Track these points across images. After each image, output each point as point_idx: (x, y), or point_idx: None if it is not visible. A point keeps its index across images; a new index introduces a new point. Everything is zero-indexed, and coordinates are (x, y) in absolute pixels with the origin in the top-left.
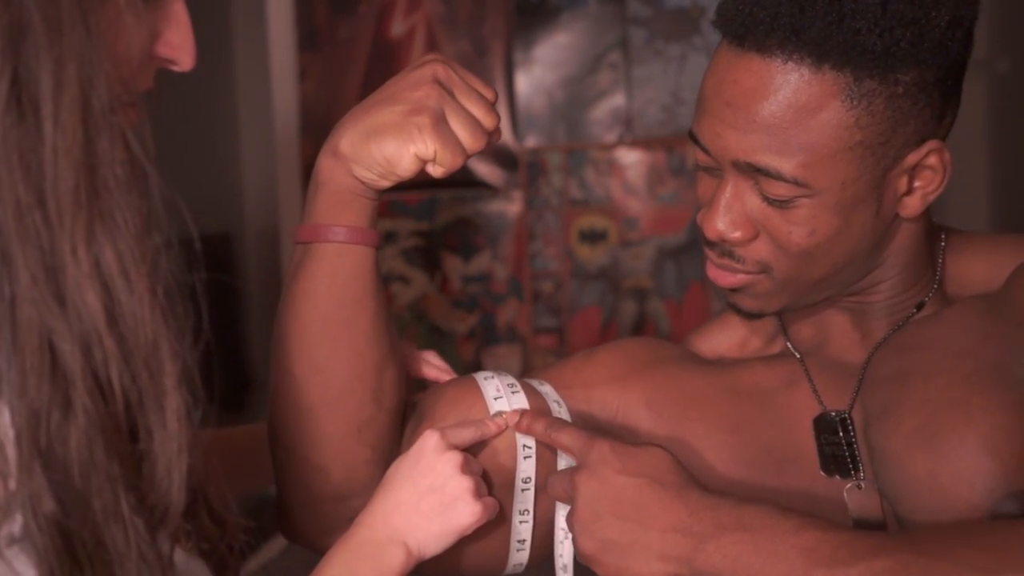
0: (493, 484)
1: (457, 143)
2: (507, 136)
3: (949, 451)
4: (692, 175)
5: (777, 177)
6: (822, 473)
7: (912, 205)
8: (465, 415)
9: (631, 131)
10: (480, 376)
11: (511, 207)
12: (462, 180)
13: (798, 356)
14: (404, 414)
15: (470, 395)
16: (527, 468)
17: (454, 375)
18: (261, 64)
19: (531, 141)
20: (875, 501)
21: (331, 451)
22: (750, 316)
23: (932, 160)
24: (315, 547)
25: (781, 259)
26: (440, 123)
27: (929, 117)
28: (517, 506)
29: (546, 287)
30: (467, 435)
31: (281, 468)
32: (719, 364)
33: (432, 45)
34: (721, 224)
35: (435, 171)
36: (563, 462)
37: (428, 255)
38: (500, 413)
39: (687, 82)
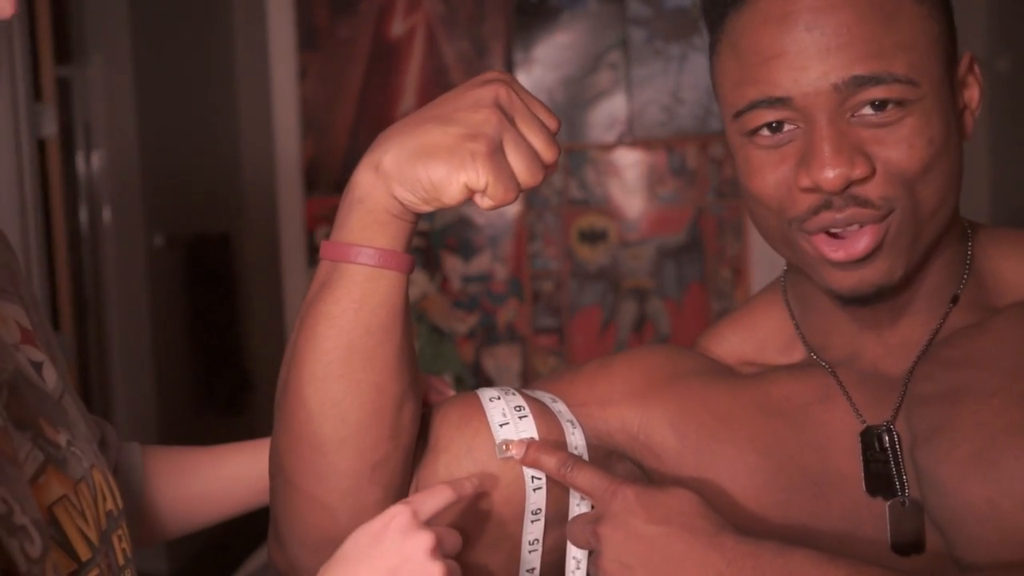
0: (495, 522)
1: (512, 176)
2: None
3: (1010, 479)
4: (693, 175)
5: (890, 80)
6: (865, 492)
7: (967, 124)
8: (470, 442)
9: (631, 131)
10: (485, 396)
11: (511, 207)
12: None
13: (827, 365)
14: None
15: (475, 420)
16: (537, 500)
17: None
18: (261, 64)
19: None
20: (919, 521)
21: (341, 490)
22: (875, 295)
23: (972, 73)
24: None
25: (903, 188)
26: (496, 153)
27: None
28: (526, 537)
29: (546, 287)
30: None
31: (281, 502)
32: (744, 376)
33: (432, 45)
34: (840, 166)
35: (483, 203)
36: (575, 494)
37: (428, 255)
38: (506, 443)
39: (687, 82)
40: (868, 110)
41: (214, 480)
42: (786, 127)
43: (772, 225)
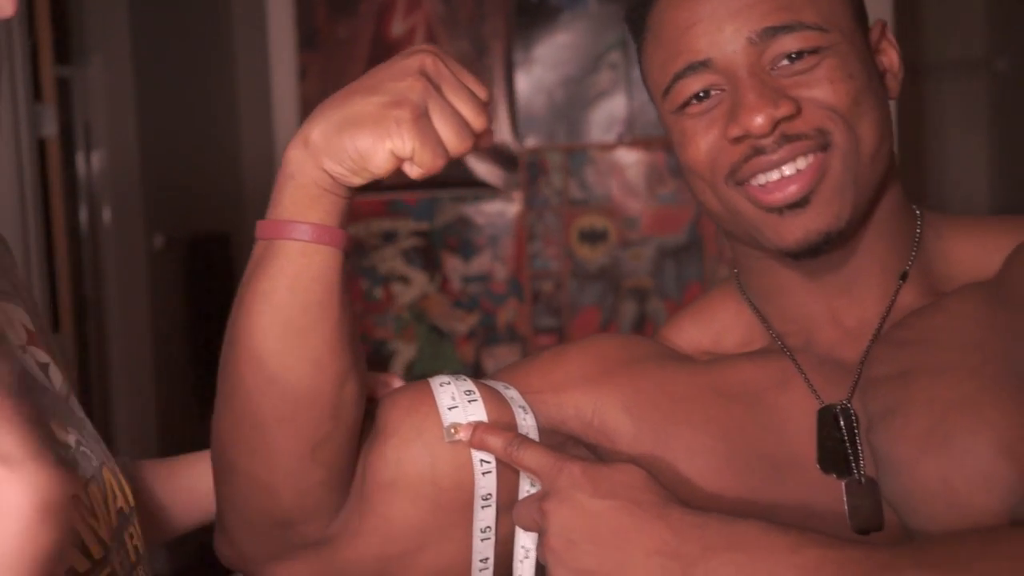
0: (445, 509)
1: (439, 143)
2: (507, 136)
3: (963, 454)
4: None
5: (800, 28)
6: (818, 467)
7: (891, 85)
8: (420, 425)
9: (631, 131)
10: (435, 382)
11: (511, 207)
12: (462, 180)
13: (786, 350)
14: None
15: (424, 404)
16: (487, 484)
17: None
18: (261, 64)
19: (531, 141)
20: (876, 499)
21: (282, 470)
22: (821, 244)
23: (886, 39)
24: (257, 575)
25: (836, 120)
26: (422, 119)
27: None
28: (477, 524)
29: (546, 287)
30: None
31: (224, 487)
32: (701, 362)
33: (432, 45)
34: (764, 108)
35: (412, 171)
36: (525, 478)
37: (428, 255)
38: (454, 426)
39: None
40: (786, 62)
41: (200, 479)
42: (712, 93)
43: (710, 196)
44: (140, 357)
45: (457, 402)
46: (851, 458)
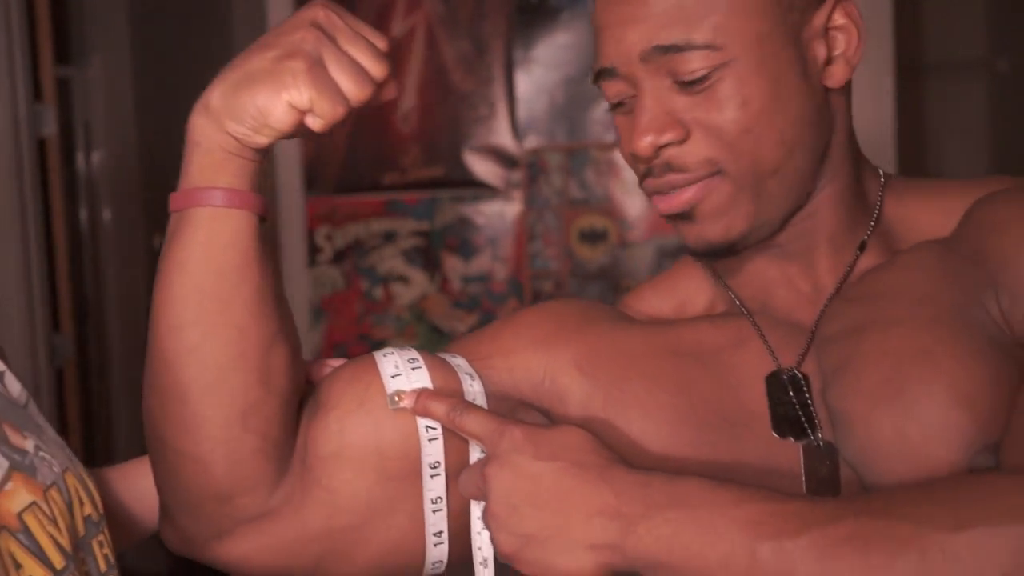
0: (392, 478)
1: (337, 91)
2: (507, 136)
3: (917, 406)
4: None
5: (688, 48)
6: (775, 435)
7: (837, 73)
8: (362, 395)
9: None
10: (379, 353)
11: (511, 207)
12: (462, 180)
13: (746, 312)
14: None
15: (367, 374)
16: (433, 451)
17: None
18: None
19: (531, 141)
20: (833, 461)
21: (212, 441)
22: (719, 249)
23: (840, 18)
24: (202, 557)
25: (725, 150)
26: (317, 69)
27: None
28: (428, 495)
29: (546, 287)
30: None
31: (158, 465)
32: (658, 324)
33: (432, 45)
34: (649, 134)
35: (314, 123)
36: (475, 446)
37: (428, 255)
38: (398, 393)
39: None
40: (679, 82)
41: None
42: (625, 101)
43: None
44: (140, 357)
45: (400, 370)
46: (804, 422)
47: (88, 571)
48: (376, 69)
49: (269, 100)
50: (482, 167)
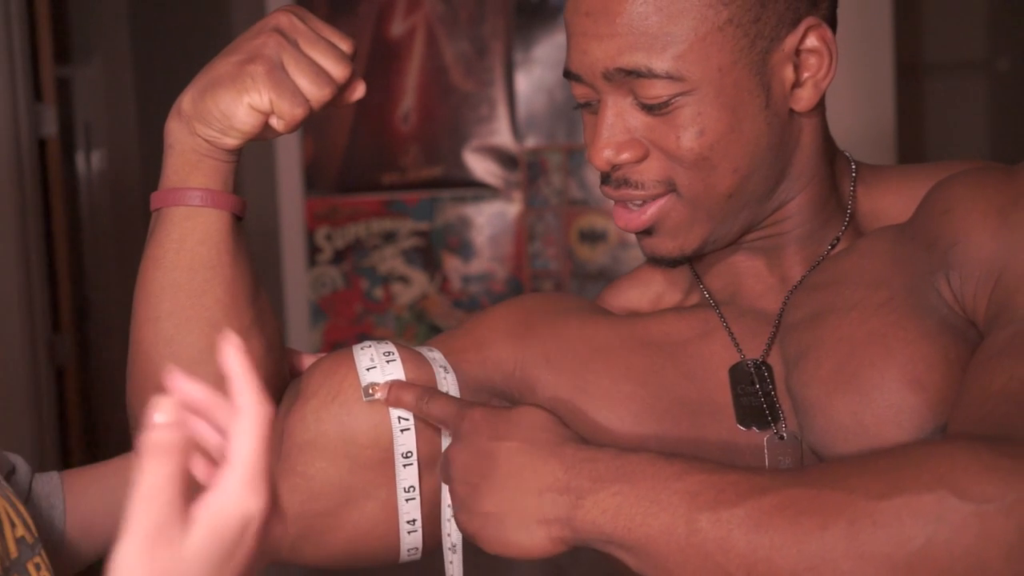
0: (365, 467)
1: (296, 92)
2: (507, 136)
3: (871, 389)
4: None
5: (649, 75)
6: (739, 426)
7: (805, 97)
8: (337, 388)
9: None
10: (357, 347)
11: (511, 207)
12: (462, 180)
13: (713, 303)
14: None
15: (344, 367)
16: (406, 441)
17: None
18: None
19: (531, 141)
20: (795, 452)
21: None
22: (674, 262)
23: (813, 42)
24: None
25: (681, 172)
26: (276, 72)
27: None
28: (401, 483)
29: (546, 287)
30: None
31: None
32: (628, 317)
33: (432, 45)
34: (607, 149)
35: (277, 124)
36: (447, 435)
37: (428, 255)
38: (372, 385)
39: None
40: (640, 103)
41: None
42: (592, 103)
43: None
44: None
45: (375, 363)
46: (766, 413)
47: None
48: (337, 71)
49: (232, 103)
50: (482, 167)
